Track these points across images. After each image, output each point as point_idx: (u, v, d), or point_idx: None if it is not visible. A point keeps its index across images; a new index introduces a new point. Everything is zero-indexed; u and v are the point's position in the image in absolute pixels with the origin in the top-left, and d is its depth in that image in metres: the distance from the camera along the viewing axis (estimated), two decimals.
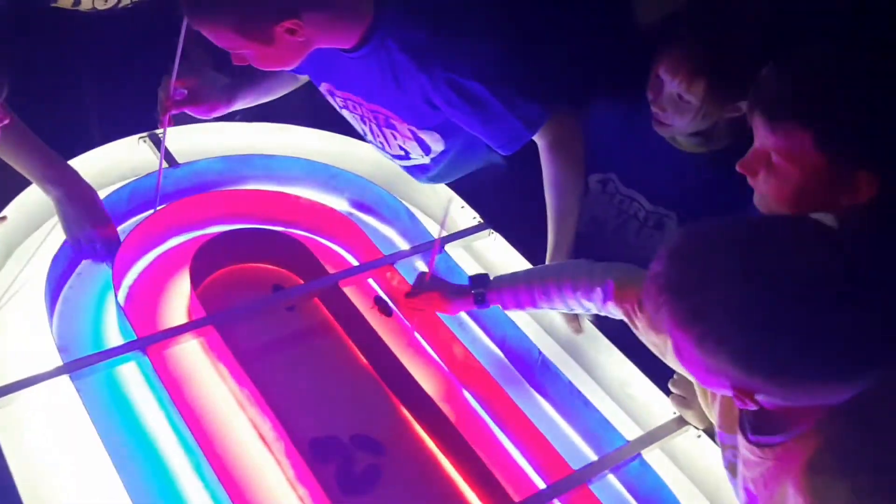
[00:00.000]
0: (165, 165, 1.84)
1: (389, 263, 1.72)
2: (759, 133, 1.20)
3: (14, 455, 1.35)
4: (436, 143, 1.71)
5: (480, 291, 1.53)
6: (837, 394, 0.95)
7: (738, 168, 1.24)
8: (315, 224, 1.86)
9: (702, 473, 1.48)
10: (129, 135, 1.92)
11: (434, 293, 1.57)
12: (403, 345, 1.66)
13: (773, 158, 1.19)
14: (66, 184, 1.62)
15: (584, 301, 1.44)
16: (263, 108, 1.95)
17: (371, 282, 1.77)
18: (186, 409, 1.46)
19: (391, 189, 1.93)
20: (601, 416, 1.51)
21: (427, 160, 1.78)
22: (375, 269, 1.72)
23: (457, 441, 1.45)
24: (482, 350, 1.68)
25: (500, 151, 1.64)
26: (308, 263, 1.73)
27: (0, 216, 1.66)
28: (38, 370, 1.43)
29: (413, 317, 1.66)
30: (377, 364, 1.60)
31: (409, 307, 1.61)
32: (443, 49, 1.52)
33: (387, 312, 1.71)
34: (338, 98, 1.73)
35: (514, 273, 1.56)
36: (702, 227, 1.00)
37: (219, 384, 1.54)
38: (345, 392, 1.57)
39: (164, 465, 1.41)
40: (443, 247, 1.78)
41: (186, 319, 1.62)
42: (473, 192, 1.91)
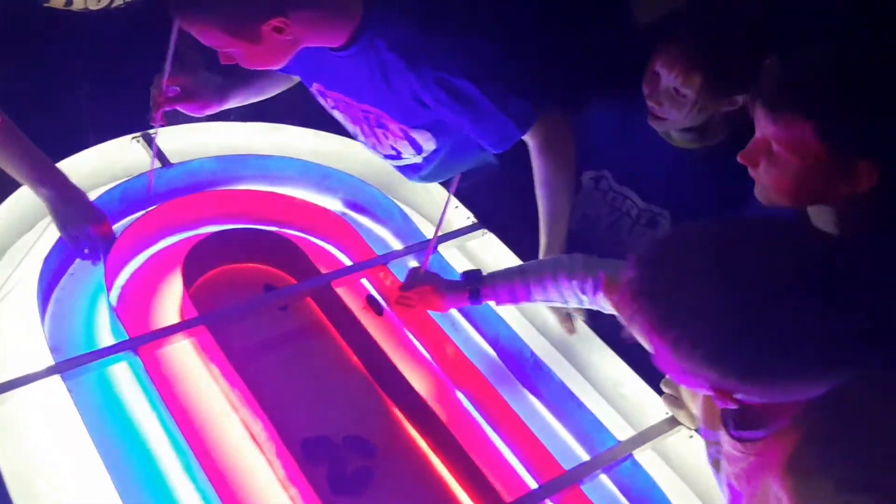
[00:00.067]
0: (158, 164, 1.84)
1: (382, 264, 1.72)
2: (761, 123, 1.22)
3: (5, 455, 1.35)
4: (427, 143, 1.71)
5: (475, 286, 1.53)
6: (813, 389, 0.95)
7: (740, 159, 1.26)
8: (308, 224, 1.86)
9: (694, 473, 1.48)
10: (122, 135, 1.92)
11: (427, 287, 1.57)
12: (396, 345, 1.66)
13: (774, 148, 1.20)
14: (57, 185, 1.62)
15: (579, 292, 1.46)
16: (257, 108, 1.95)
17: (364, 282, 1.76)
18: (178, 410, 1.46)
19: (385, 189, 1.92)
20: (593, 417, 1.51)
21: (419, 159, 1.78)
22: (368, 270, 1.72)
23: (448, 441, 1.45)
24: (475, 350, 1.68)
25: (491, 150, 1.64)
26: (301, 263, 1.72)
27: None
28: (30, 370, 1.42)
29: (405, 314, 1.65)
30: (369, 364, 1.60)
31: (402, 302, 1.60)
32: (432, 47, 1.51)
33: (378, 311, 1.71)
34: (329, 98, 1.73)
35: (508, 268, 1.57)
36: (672, 233, 1.03)
37: (211, 384, 1.54)
38: (337, 392, 1.56)
39: (155, 466, 1.41)
40: (436, 247, 1.78)
41: (179, 320, 1.62)
42: (467, 192, 1.90)
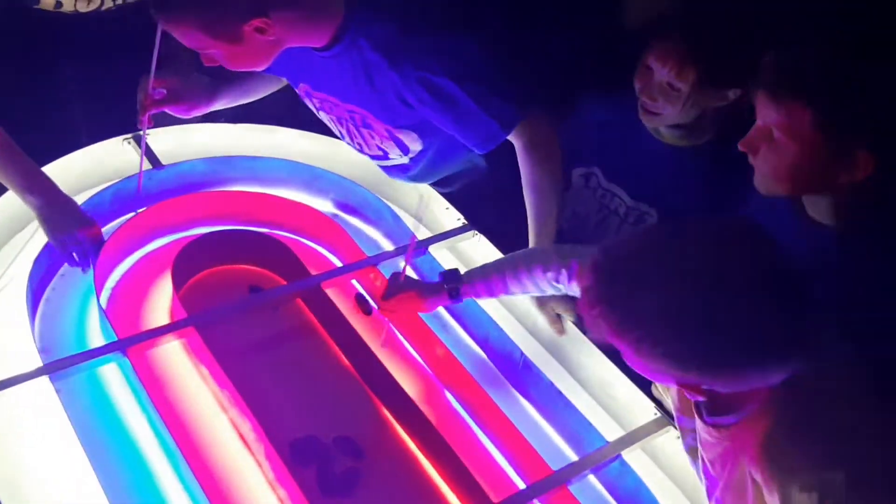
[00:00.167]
0: (149, 166, 1.84)
1: (372, 265, 1.72)
2: (762, 111, 1.24)
3: None
4: (413, 143, 1.71)
5: (453, 286, 1.54)
6: (774, 376, 1.01)
7: (740, 146, 1.28)
8: (299, 225, 1.86)
9: (682, 474, 1.48)
10: (114, 136, 1.91)
11: (409, 293, 1.57)
12: (385, 346, 1.66)
13: (775, 135, 1.23)
14: (45, 192, 1.61)
15: (553, 282, 1.47)
16: (248, 110, 1.95)
17: (355, 283, 1.77)
18: (166, 411, 1.46)
19: (375, 190, 1.92)
20: (582, 417, 1.52)
21: (406, 160, 1.78)
22: (358, 271, 1.72)
23: (437, 442, 1.45)
24: (465, 351, 1.69)
25: (476, 150, 1.64)
26: (291, 265, 1.72)
27: None
28: (20, 371, 1.42)
29: (390, 319, 1.66)
30: (359, 365, 1.60)
31: (384, 310, 1.61)
32: (414, 46, 1.51)
33: (367, 311, 1.71)
34: (315, 99, 1.73)
35: (484, 265, 1.58)
36: (622, 240, 1.07)
37: (200, 386, 1.54)
38: (326, 393, 1.57)
39: (144, 466, 1.41)
40: (427, 248, 1.78)
41: (169, 321, 1.62)
42: (457, 194, 1.92)
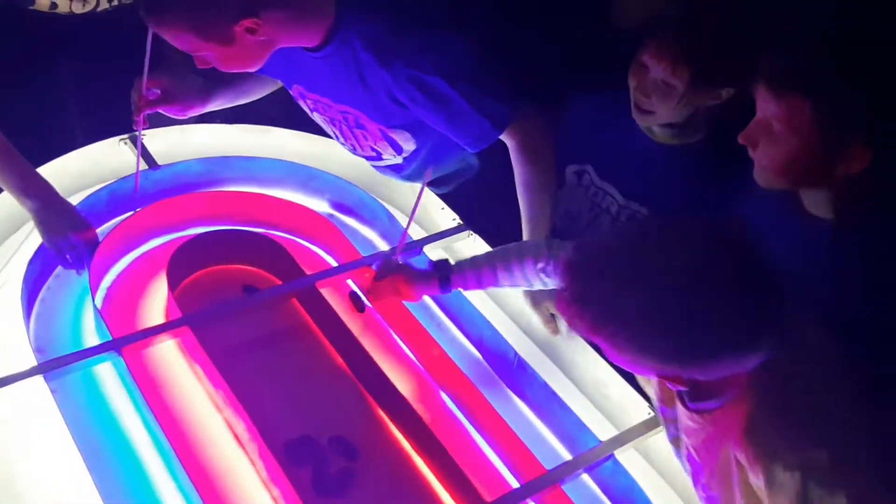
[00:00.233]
0: (145, 167, 1.85)
1: (367, 265, 1.72)
2: (762, 103, 1.26)
3: None
4: (406, 143, 1.71)
5: (444, 274, 1.55)
6: (748, 361, 1.04)
7: (740, 139, 1.30)
8: (294, 226, 1.86)
9: (675, 473, 1.49)
10: (110, 137, 1.92)
11: (399, 276, 1.58)
12: (380, 346, 1.66)
13: (775, 127, 1.25)
14: (42, 195, 1.62)
15: (543, 276, 1.48)
16: (243, 110, 1.95)
17: (350, 283, 1.77)
18: (161, 410, 1.46)
19: (371, 191, 1.93)
20: (576, 417, 1.52)
21: (399, 160, 1.78)
22: (353, 271, 1.72)
23: (431, 442, 1.45)
24: (459, 351, 1.69)
25: (469, 149, 1.64)
26: (286, 265, 1.73)
27: None
28: (14, 370, 1.42)
29: (387, 312, 1.66)
30: (353, 365, 1.60)
31: (374, 292, 1.62)
32: (405, 45, 1.51)
33: (360, 308, 1.71)
34: (308, 100, 1.73)
35: (475, 256, 1.58)
36: (594, 238, 1.10)
37: (195, 385, 1.54)
38: (320, 393, 1.57)
39: (139, 466, 1.41)
40: (422, 248, 1.79)
41: (164, 321, 1.62)
42: (453, 194, 1.93)
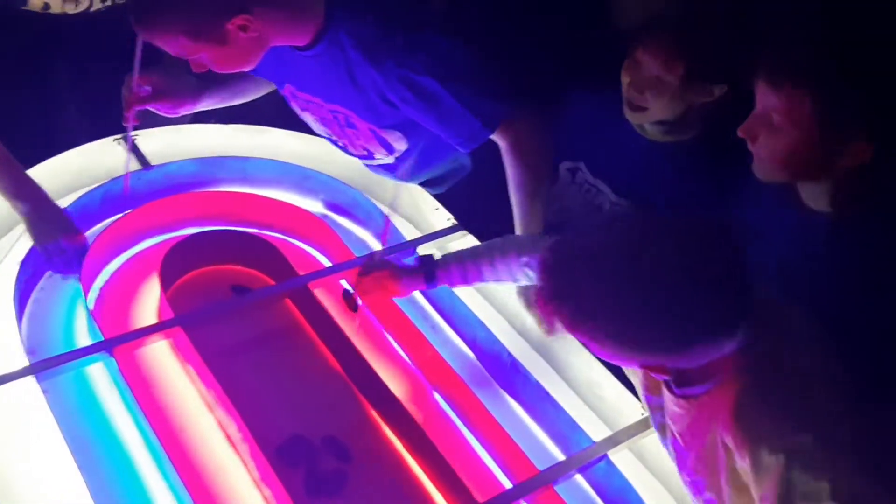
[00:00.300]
0: (138, 166, 1.84)
1: (360, 265, 1.71)
2: (762, 96, 1.27)
3: None
4: (398, 143, 1.70)
5: (430, 270, 1.54)
6: (726, 346, 1.05)
7: (740, 132, 1.31)
8: (288, 226, 1.86)
9: (669, 474, 1.48)
10: (104, 136, 1.91)
11: (384, 272, 1.57)
12: (373, 346, 1.66)
13: (775, 120, 1.25)
14: (34, 199, 1.61)
15: (528, 270, 1.48)
16: (238, 110, 1.95)
17: (343, 283, 1.76)
18: (152, 411, 1.45)
19: (365, 191, 1.92)
20: (569, 418, 1.51)
21: (391, 160, 1.77)
22: (346, 271, 1.72)
23: (423, 442, 1.45)
24: (453, 351, 1.69)
25: (460, 149, 1.63)
26: (279, 265, 1.72)
27: None
28: (6, 371, 1.42)
29: (380, 313, 1.66)
30: (346, 366, 1.60)
31: (359, 287, 1.61)
32: (394, 44, 1.51)
33: (353, 308, 1.70)
34: (299, 100, 1.72)
35: (460, 250, 1.59)
36: (565, 238, 1.10)
37: (187, 385, 1.54)
38: (313, 394, 1.57)
39: (130, 466, 1.41)
40: (415, 248, 1.78)
41: (156, 321, 1.62)
42: (447, 195, 1.93)
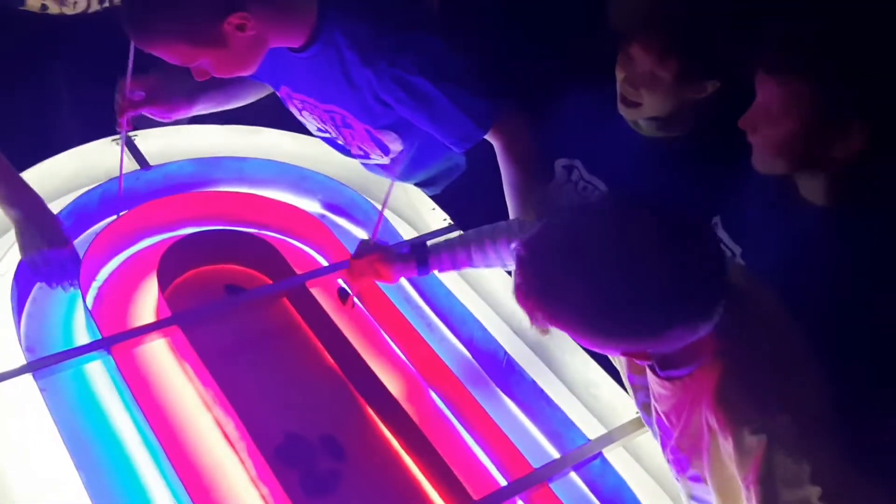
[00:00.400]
0: (135, 167, 1.85)
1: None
2: (761, 88, 1.28)
3: None
4: (393, 143, 1.71)
5: (422, 255, 1.55)
6: (703, 329, 1.06)
7: (740, 124, 1.32)
8: (286, 226, 1.87)
9: (664, 472, 1.49)
10: (102, 137, 1.91)
11: (376, 256, 1.58)
12: (370, 345, 1.67)
13: (774, 110, 1.26)
14: (27, 205, 1.60)
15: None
16: (236, 111, 1.95)
17: (340, 281, 1.77)
18: (150, 409, 1.46)
19: (363, 191, 1.93)
20: (564, 416, 1.52)
21: (387, 160, 1.78)
22: (342, 270, 1.72)
23: (419, 440, 1.45)
24: (449, 350, 1.69)
25: (454, 149, 1.64)
26: (277, 264, 1.73)
27: None
28: (4, 370, 1.43)
29: (356, 285, 1.67)
30: (343, 364, 1.61)
31: (352, 271, 1.62)
32: (387, 44, 1.51)
33: (343, 299, 1.71)
34: (296, 101, 1.73)
35: (450, 238, 1.60)
36: (538, 233, 1.09)
37: (185, 384, 1.55)
38: (310, 392, 1.57)
39: (128, 464, 1.41)
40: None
41: (154, 320, 1.62)
42: (443, 195, 1.94)
